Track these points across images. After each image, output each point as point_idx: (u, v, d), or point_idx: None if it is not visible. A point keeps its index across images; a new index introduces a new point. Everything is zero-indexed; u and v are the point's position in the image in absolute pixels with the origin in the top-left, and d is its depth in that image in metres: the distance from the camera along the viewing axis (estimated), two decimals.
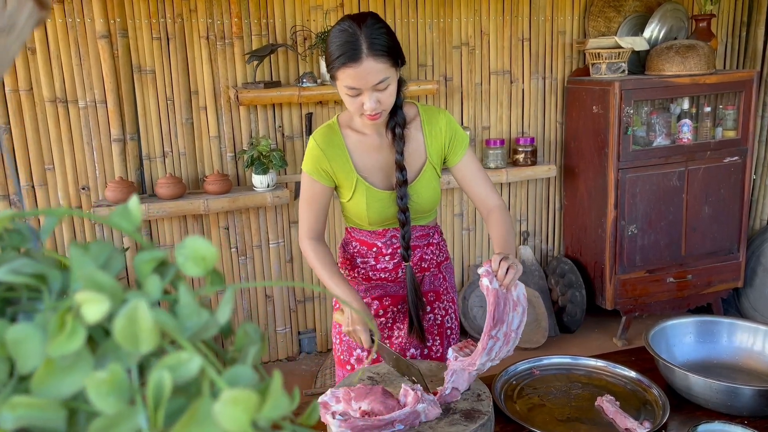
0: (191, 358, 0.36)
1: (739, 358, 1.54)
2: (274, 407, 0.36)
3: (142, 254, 0.41)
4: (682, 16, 3.57)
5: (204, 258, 0.40)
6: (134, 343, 0.35)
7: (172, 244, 3.14)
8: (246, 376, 0.38)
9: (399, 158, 1.57)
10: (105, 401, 0.35)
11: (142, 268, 0.40)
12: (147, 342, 0.36)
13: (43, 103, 2.86)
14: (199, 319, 0.39)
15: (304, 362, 3.44)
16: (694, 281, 3.55)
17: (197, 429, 0.34)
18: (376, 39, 1.42)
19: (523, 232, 3.77)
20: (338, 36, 1.44)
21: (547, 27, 3.57)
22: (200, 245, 0.41)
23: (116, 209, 0.42)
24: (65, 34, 2.83)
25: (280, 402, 0.36)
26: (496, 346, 1.32)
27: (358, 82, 1.43)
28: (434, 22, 3.36)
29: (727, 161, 3.47)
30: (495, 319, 1.30)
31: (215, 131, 3.11)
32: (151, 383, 0.35)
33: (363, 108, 1.47)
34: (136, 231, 0.42)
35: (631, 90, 3.22)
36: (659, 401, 1.38)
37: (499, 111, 3.58)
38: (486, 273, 1.31)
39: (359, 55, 1.41)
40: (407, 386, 1.28)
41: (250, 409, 0.34)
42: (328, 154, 1.59)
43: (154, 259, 0.41)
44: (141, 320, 0.36)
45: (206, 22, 3.00)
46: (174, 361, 0.36)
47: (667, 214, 3.42)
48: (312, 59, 3.16)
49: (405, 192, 1.58)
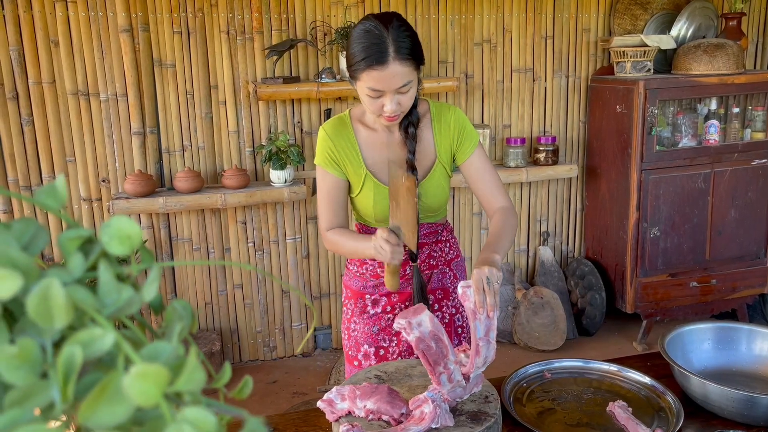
0: (105, 334, 0.37)
1: (759, 367, 1.48)
2: (189, 380, 0.37)
3: (66, 232, 0.42)
4: (712, 14, 3.48)
5: (129, 237, 0.41)
6: (48, 319, 0.36)
7: (189, 237, 3.16)
8: (165, 351, 0.38)
9: (411, 158, 1.54)
10: (15, 374, 0.35)
11: (66, 245, 0.41)
12: (60, 318, 0.36)
13: (66, 95, 2.89)
14: (119, 295, 0.40)
15: (319, 358, 3.44)
16: (719, 286, 3.46)
17: (108, 402, 0.35)
18: (402, 42, 1.39)
19: (543, 232, 3.72)
20: (363, 37, 1.40)
21: (571, 24, 3.51)
22: (125, 224, 0.41)
23: (42, 187, 0.43)
24: (88, 27, 2.86)
25: (195, 376, 0.37)
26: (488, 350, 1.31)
27: (383, 84, 1.41)
28: (456, 18, 3.32)
29: (755, 164, 3.38)
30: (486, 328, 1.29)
31: (234, 126, 3.12)
32: (62, 358, 0.35)
33: (383, 109, 1.45)
34: (61, 210, 0.43)
35: (657, 89, 3.15)
36: (673, 408, 1.34)
37: (521, 109, 3.53)
38: (465, 296, 1.28)
39: (386, 58, 1.38)
40: (428, 395, 1.23)
41: (161, 382, 0.35)
42: (337, 144, 1.57)
43: (79, 237, 0.42)
44: (54, 297, 0.36)
45: (227, 16, 3.01)
46: (87, 336, 0.36)
47: (691, 216, 3.34)
48: (331, 55, 3.15)
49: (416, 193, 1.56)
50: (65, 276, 0.39)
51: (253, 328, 3.36)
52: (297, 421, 1.37)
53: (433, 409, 1.19)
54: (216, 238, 3.20)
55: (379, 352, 1.69)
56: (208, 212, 3.16)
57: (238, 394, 0.46)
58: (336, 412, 1.25)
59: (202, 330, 3.27)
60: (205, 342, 3.15)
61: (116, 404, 0.35)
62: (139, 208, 2.88)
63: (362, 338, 1.70)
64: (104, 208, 3.04)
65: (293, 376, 3.25)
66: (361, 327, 1.70)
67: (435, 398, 1.21)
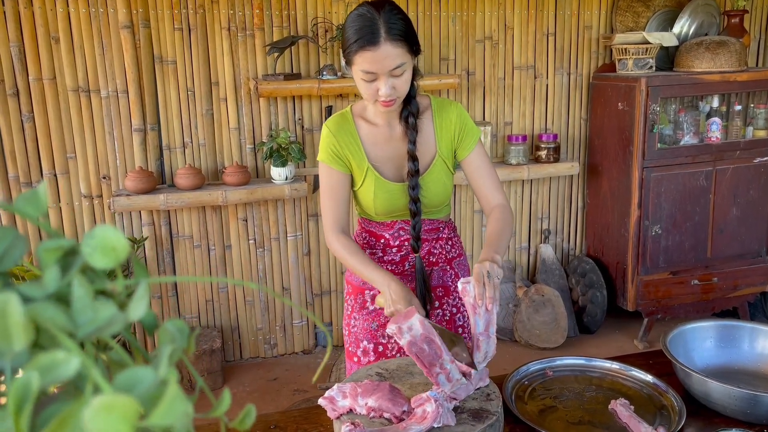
0: (69, 358, 0.32)
1: (761, 365, 1.48)
2: (167, 414, 0.31)
3: (45, 243, 0.37)
4: (714, 11, 3.47)
5: (114, 248, 0.37)
6: (6, 339, 0.32)
7: (190, 234, 3.16)
8: (144, 379, 0.33)
9: (411, 148, 1.56)
10: None
11: (44, 257, 0.37)
12: (19, 338, 0.32)
13: (66, 92, 2.89)
14: (95, 314, 0.35)
15: (320, 356, 3.44)
16: (720, 284, 3.46)
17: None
18: (393, 24, 1.42)
19: (544, 230, 3.72)
20: (356, 20, 1.43)
21: (573, 22, 3.50)
22: (110, 234, 0.37)
23: (24, 193, 0.38)
24: (88, 24, 2.85)
25: (175, 407, 0.32)
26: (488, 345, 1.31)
27: (375, 66, 1.42)
28: (457, 15, 3.31)
29: (757, 162, 3.37)
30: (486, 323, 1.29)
31: (235, 123, 3.11)
32: (15, 385, 0.31)
33: (378, 94, 1.46)
34: (41, 218, 0.39)
35: (658, 87, 3.14)
36: (675, 407, 1.33)
37: (522, 106, 3.53)
38: (465, 292, 1.30)
39: (377, 38, 1.40)
40: (431, 395, 1.22)
41: (129, 417, 0.30)
42: (340, 140, 1.58)
43: (59, 248, 0.37)
44: (11, 315, 0.32)
45: (228, 13, 3.00)
46: (48, 360, 0.32)
47: (693, 214, 3.33)
48: (332, 51, 3.14)
49: (416, 182, 1.57)
50: (37, 291, 0.35)
51: (254, 326, 3.36)
52: (298, 419, 1.37)
53: (436, 409, 1.18)
54: (217, 235, 3.20)
55: (378, 348, 1.69)
56: (208, 209, 3.16)
57: (240, 425, 0.41)
58: (337, 409, 1.25)
59: (203, 327, 3.26)
60: (206, 339, 3.15)
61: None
62: (139, 205, 2.88)
63: (361, 334, 1.70)
64: (105, 205, 3.03)
65: (294, 373, 3.25)
66: (361, 323, 1.70)
67: (438, 397, 1.21)
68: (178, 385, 0.32)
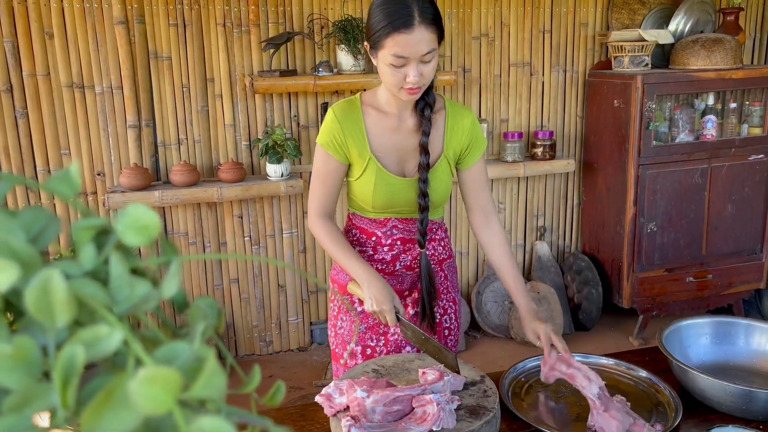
0: (112, 333, 0.33)
1: (756, 361, 1.48)
2: (206, 386, 0.33)
3: (79, 222, 0.38)
4: (710, 9, 3.48)
5: (147, 227, 0.38)
6: (49, 315, 0.33)
7: (185, 231, 3.15)
8: (182, 353, 0.35)
9: (425, 140, 1.53)
10: (9, 376, 0.32)
11: (79, 236, 0.38)
12: (62, 314, 0.33)
13: (60, 88, 2.87)
14: (133, 291, 0.36)
15: (315, 353, 3.43)
16: (715, 281, 3.47)
17: (114, 408, 0.31)
18: (426, 8, 1.39)
19: (540, 227, 3.72)
20: (388, 3, 1.39)
21: (569, 19, 3.50)
22: (142, 213, 0.38)
23: (56, 172, 0.39)
24: (83, 19, 2.84)
25: (214, 381, 0.33)
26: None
27: (408, 50, 1.38)
28: (453, 12, 3.31)
29: (752, 159, 3.38)
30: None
31: (230, 119, 3.10)
32: (61, 359, 0.32)
33: (405, 81, 1.41)
34: (76, 198, 0.39)
35: (654, 84, 3.15)
36: (672, 403, 1.34)
37: (518, 104, 3.53)
38: (547, 368, 1.39)
39: (412, 21, 1.36)
40: (434, 398, 1.21)
41: (172, 388, 0.31)
42: (344, 127, 1.53)
43: (93, 227, 0.38)
44: (55, 291, 0.33)
45: (223, 9, 2.98)
46: (91, 335, 0.33)
47: (688, 212, 3.34)
48: (329, 48, 3.13)
49: (427, 176, 1.53)
50: (74, 269, 0.36)
51: (249, 323, 3.35)
52: (295, 416, 1.36)
53: (437, 412, 1.18)
54: (212, 232, 3.19)
55: (366, 351, 1.65)
56: (204, 206, 3.15)
57: (270, 401, 0.42)
58: (334, 406, 1.24)
59: None
60: None
61: (123, 411, 0.31)
62: (134, 201, 2.87)
63: (348, 336, 1.66)
64: (99, 201, 3.02)
65: (289, 370, 3.24)
66: (348, 324, 1.66)
67: (440, 401, 1.20)
68: (216, 359, 0.34)
